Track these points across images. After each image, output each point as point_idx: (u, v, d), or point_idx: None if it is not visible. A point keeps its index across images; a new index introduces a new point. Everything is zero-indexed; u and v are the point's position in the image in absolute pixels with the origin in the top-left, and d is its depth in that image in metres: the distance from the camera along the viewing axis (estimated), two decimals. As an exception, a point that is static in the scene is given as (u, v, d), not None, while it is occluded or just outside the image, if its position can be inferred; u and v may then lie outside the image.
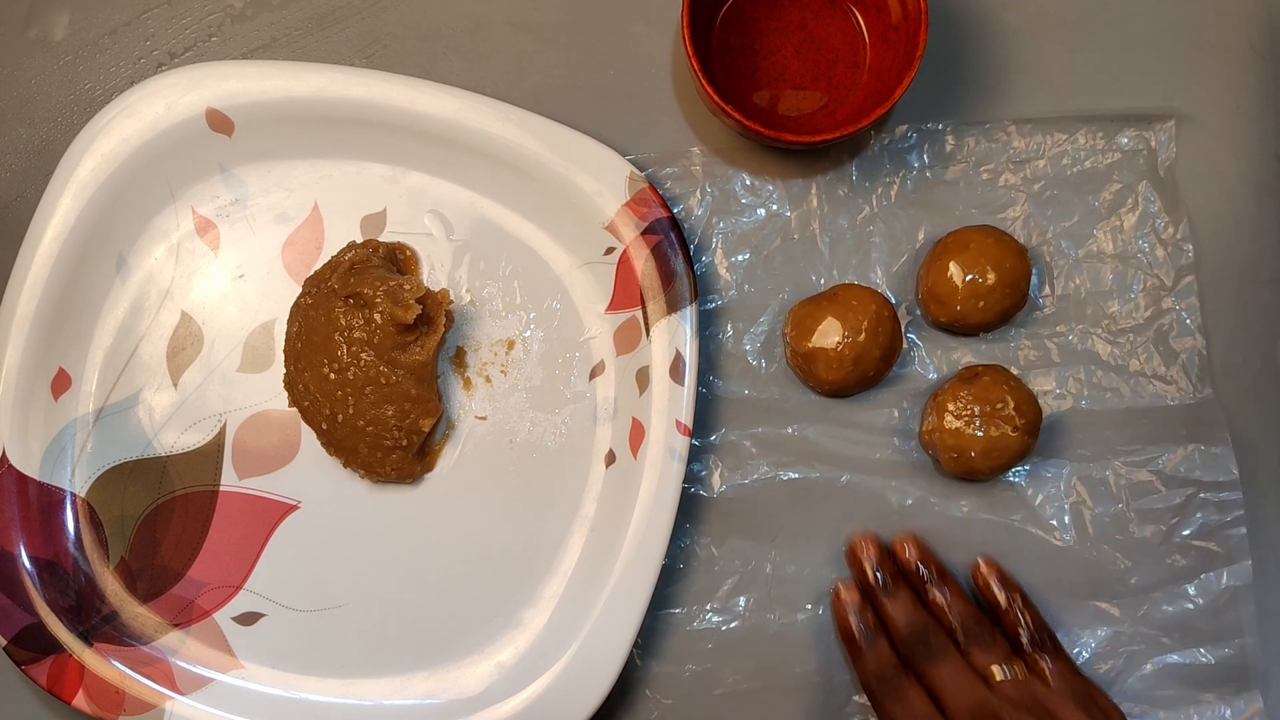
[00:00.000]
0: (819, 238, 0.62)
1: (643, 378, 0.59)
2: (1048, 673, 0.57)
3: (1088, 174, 0.62)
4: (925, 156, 0.62)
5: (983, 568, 0.60)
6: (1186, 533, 0.61)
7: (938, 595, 0.58)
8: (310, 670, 0.60)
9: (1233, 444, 0.61)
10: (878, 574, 0.59)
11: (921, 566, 0.59)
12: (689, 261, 0.59)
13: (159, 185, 0.61)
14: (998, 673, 0.56)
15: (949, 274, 0.60)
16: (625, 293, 0.60)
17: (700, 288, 0.62)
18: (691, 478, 0.62)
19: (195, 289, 0.62)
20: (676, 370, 0.58)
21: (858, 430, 0.62)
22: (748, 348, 0.62)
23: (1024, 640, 0.58)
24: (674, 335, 0.59)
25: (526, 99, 0.61)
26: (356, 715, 0.60)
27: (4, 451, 0.59)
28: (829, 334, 0.59)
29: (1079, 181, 0.62)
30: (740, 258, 0.62)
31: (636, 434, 0.59)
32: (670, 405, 0.58)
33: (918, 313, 0.62)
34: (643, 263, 0.59)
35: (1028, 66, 0.63)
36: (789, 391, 0.62)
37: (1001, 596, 0.59)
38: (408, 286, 0.58)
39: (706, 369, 0.62)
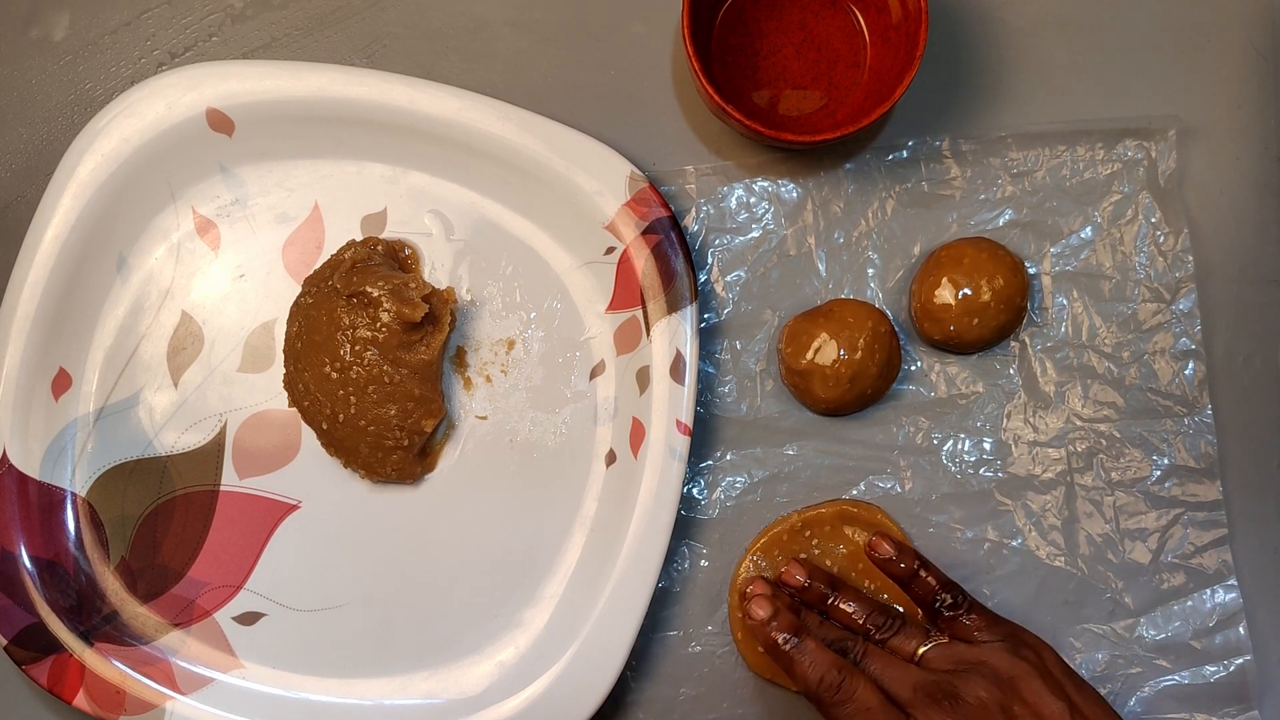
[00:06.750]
0: (815, 253, 0.62)
1: (643, 377, 0.59)
2: (969, 629, 0.56)
3: (1087, 185, 0.62)
4: (922, 169, 0.62)
5: (877, 544, 0.58)
6: (1176, 553, 0.61)
7: (840, 604, 0.57)
8: (311, 670, 0.60)
9: (1232, 447, 0.61)
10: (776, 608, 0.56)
11: (812, 583, 0.58)
12: (689, 261, 0.59)
13: (159, 185, 0.61)
14: (923, 649, 0.56)
15: (942, 290, 0.58)
16: (626, 292, 0.60)
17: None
18: (688, 499, 0.61)
19: (196, 289, 0.62)
20: (677, 370, 0.58)
21: (858, 449, 0.61)
22: (745, 366, 0.62)
23: (937, 604, 0.57)
24: (674, 335, 0.59)
25: (526, 99, 0.61)
26: (357, 715, 0.60)
27: (4, 451, 0.59)
28: (825, 351, 0.58)
29: (1079, 193, 0.62)
30: (736, 275, 0.62)
31: (637, 433, 0.59)
32: (671, 405, 0.58)
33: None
34: (643, 262, 0.59)
35: (1028, 66, 0.62)
36: (787, 410, 0.61)
37: (903, 566, 0.57)
38: (413, 285, 0.58)
39: (703, 388, 0.61)
